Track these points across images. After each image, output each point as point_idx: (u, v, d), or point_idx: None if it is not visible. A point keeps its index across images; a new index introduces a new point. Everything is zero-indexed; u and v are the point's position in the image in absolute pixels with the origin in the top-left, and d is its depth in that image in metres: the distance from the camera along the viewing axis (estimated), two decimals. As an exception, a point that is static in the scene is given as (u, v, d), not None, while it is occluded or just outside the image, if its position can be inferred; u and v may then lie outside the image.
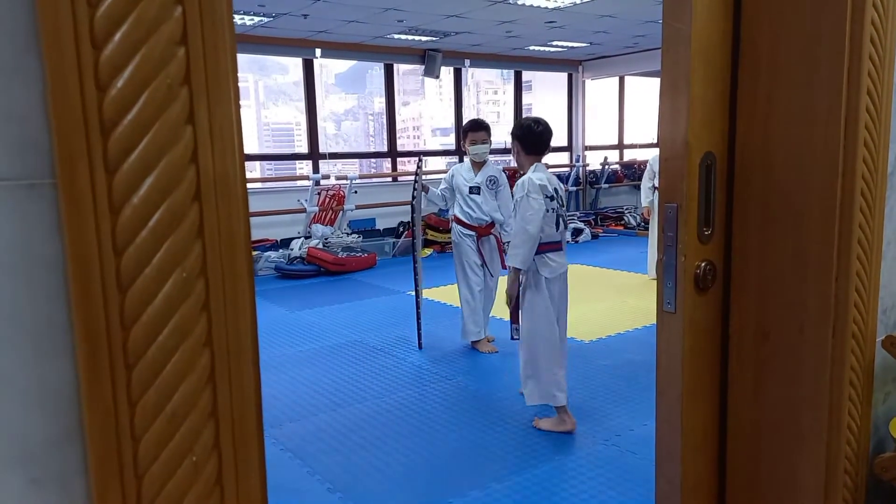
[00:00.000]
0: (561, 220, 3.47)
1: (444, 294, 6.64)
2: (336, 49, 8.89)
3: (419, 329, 4.94)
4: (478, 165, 4.80)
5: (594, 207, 11.52)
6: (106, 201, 0.59)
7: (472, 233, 4.74)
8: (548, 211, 3.36)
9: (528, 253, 3.34)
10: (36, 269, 0.59)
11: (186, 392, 0.64)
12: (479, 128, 4.80)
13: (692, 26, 1.39)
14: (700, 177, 1.45)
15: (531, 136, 3.53)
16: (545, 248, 3.43)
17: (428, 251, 9.01)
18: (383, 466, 3.15)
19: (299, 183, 9.07)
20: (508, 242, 3.79)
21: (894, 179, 1.50)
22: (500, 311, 4.28)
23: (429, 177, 10.22)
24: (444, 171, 10.51)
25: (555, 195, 3.44)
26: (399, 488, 2.94)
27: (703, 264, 1.48)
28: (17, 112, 0.58)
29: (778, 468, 1.50)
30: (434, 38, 8.83)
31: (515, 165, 3.85)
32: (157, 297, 0.61)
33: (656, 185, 6.35)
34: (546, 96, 13.47)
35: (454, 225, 4.86)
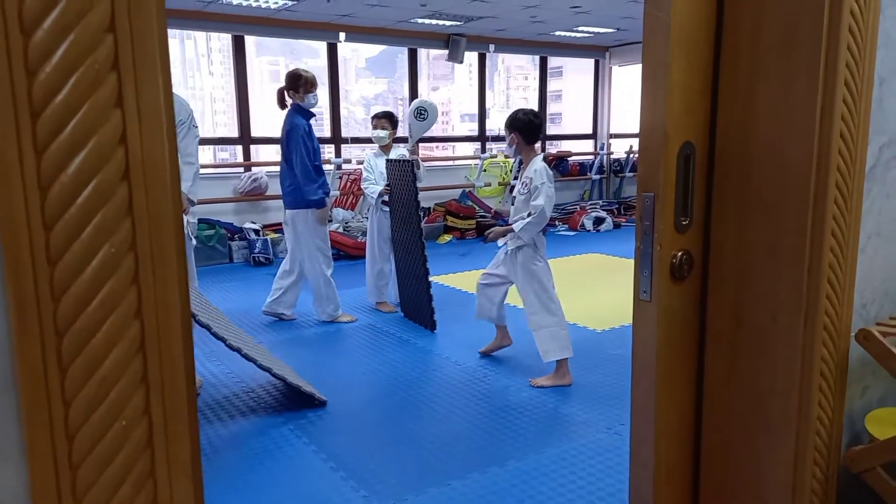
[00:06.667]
0: None
1: (460, 280, 6.67)
2: (360, 33, 8.90)
3: (432, 314, 4.98)
4: None
5: (617, 196, 11.42)
6: (35, 178, 0.63)
7: None
8: None
9: (536, 230, 3.82)
10: (-29, 241, 0.64)
11: (116, 360, 0.68)
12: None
13: (672, 14, 1.39)
14: (678, 166, 1.46)
15: (531, 128, 3.87)
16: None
17: (447, 237, 9.04)
18: (386, 448, 3.21)
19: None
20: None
21: (876, 173, 1.49)
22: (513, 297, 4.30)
23: (457, 162, 10.22)
24: (473, 158, 10.49)
25: None
26: (400, 469, 2.99)
27: (679, 254, 1.49)
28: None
29: (749, 455, 1.51)
30: (458, 23, 8.79)
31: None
32: (85, 271, 0.65)
33: None
34: (577, 83, 13.34)
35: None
